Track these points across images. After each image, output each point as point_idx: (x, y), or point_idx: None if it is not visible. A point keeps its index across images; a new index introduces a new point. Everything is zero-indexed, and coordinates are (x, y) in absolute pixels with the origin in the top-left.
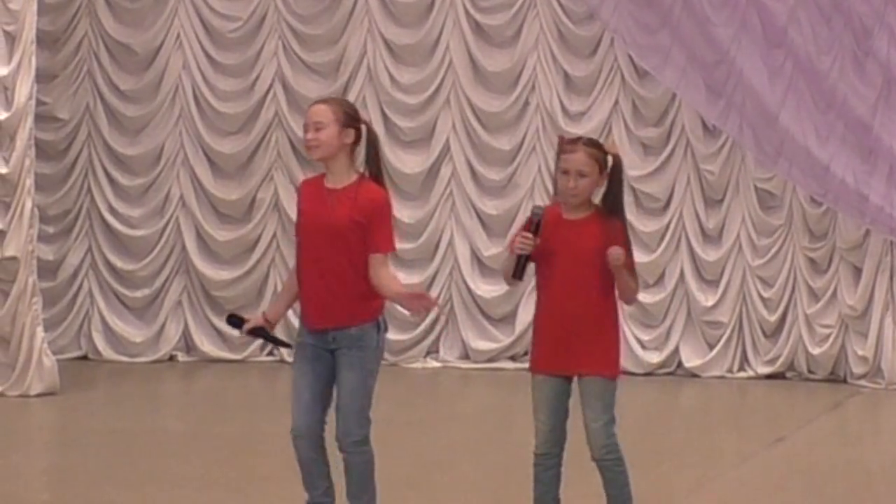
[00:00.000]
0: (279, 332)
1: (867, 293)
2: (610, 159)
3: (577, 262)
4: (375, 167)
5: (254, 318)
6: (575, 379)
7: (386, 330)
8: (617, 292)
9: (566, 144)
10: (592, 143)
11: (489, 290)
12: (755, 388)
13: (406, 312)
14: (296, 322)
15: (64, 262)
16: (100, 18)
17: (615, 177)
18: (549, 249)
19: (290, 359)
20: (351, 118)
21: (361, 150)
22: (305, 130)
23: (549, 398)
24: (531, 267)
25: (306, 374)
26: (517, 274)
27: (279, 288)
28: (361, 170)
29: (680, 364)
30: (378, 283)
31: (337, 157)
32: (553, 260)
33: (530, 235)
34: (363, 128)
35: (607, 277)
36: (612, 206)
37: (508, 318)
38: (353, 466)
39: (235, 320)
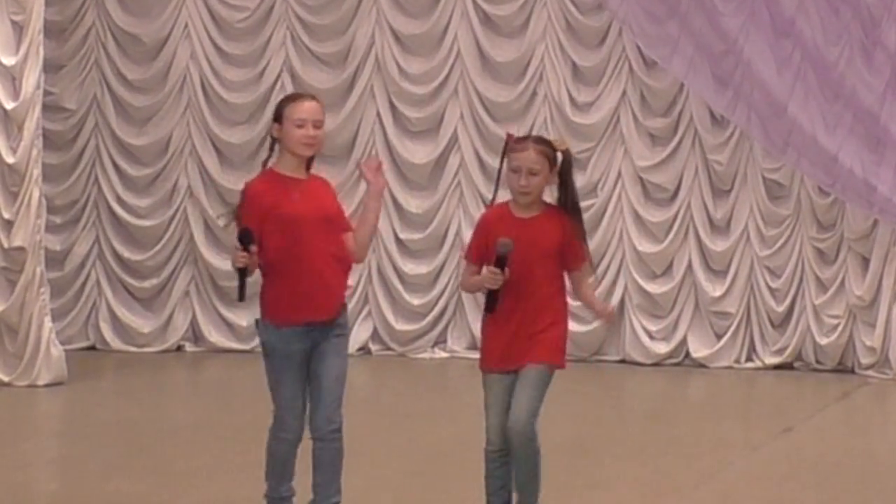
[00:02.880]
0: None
1: (875, 283)
2: (559, 156)
3: (532, 261)
4: None
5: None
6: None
7: None
8: (569, 286)
9: (515, 143)
10: (542, 141)
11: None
12: (763, 378)
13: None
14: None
15: (71, 253)
16: (107, 8)
17: (566, 173)
18: None
19: None
20: None
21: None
22: (302, 126)
23: (500, 395)
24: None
25: (299, 380)
26: (489, 307)
27: None
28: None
29: (688, 354)
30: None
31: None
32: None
33: (498, 271)
34: None
35: (561, 275)
36: (568, 202)
37: None
38: (331, 454)
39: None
